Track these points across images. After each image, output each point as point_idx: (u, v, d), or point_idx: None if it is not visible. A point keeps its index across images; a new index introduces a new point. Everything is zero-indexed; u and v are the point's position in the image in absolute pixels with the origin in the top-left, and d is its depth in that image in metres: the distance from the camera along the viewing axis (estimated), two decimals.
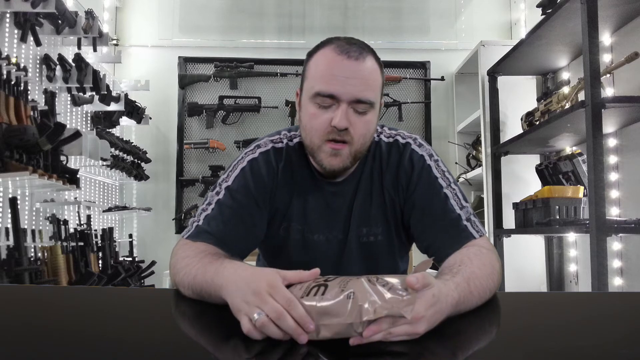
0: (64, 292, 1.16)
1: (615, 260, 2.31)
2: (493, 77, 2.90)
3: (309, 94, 1.02)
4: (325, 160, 1.02)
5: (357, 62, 0.98)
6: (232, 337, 0.63)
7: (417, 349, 0.59)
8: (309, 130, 1.03)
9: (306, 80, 1.05)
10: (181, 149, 3.47)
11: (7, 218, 2.04)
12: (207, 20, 3.60)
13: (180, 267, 0.92)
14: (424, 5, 3.66)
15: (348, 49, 0.99)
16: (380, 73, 1.03)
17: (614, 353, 0.57)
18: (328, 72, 0.99)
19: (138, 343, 0.63)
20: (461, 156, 3.46)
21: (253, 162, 1.10)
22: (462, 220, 1.01)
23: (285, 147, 1.12)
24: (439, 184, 1.05)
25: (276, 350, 0.59)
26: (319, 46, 1.04)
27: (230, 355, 0.61)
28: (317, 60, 1.02)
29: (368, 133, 1.03)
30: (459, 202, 1.03)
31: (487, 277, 0.84)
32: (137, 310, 0.85)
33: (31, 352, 0.57)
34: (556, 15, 2.19)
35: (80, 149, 2.17)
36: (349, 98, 0.98)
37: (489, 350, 0.61)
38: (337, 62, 0.98)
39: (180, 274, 0.91)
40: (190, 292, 0.87)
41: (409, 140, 1.12)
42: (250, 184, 1.07)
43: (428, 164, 1.08)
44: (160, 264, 3.09)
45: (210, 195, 1.07)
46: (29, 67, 2.30)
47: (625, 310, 0.81)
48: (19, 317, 0.76)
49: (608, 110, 1.93)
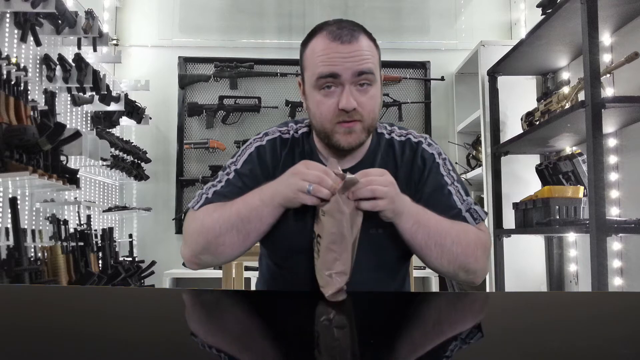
0: (63, 292, 1.16)
1: (615, 260, 2.31)
2: (493, 77, 2.90)
3: (311, 81, 1.05)
4: (342, 139, 1.06)
5: (350, 45, 1.02)
6: (232, 337, 0.63)
7: (417, 349, 0.59)
8: (319, 117, 1.06)
9: (306, 70, 1.08)
10: (181, 149, 3.47)
11: (7, 218, 2.04)
12: (207, 20, 3.60)
13: (212, 217, 1.01)
14: (424, 5, 3.67)
15: (339, 33, 1.02)
16: (375, 47, 1.08)
17: (614, 353, 0.57)
18: (324, 56, 1.02)
19: (138, 343, 0.63)
20: (461, 156, 3.46)
21: (260, 148, 1.15)
22: (462, 212, 1.09)
23: (291, 138, 1.17)
24: (445, 181, 1.12)
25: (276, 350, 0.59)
26: (311, 34, 1.07)
27: (233, 354, 0.61)
28: (313, 48, 1.05)
29: (375, 107, 1.07)
30: (461, 198, 1.11)
31: (450, 226, 1.01)
32: (137, 310, 0.85)
33: (31, 352, 0.57)
34: (556, 15, 2.19)
35: (80, 149, 2.17)
36: (350, 75, 1.01)
37: (489, 350, 0.61)
38: (332, 48, 1.02)
39: (214, 218, 1.00)
40: (229, 225, 0.98)
41: (420, 139, 1.17)
42: (257, 169, 1.12)
43: (437, 162, 1.14)
44: (160, 264, 3.09)
45: (221, 175, 1.13)
46: (29, 67, 2.30)
47: (625, 310, 0.81)
48: (19, 317, 0.76)
49: (608, 110, 1.93)
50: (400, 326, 0.70)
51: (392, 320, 0.74)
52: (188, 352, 0.61)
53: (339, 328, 0.71)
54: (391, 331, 0.67)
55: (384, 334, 0.65)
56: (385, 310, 0.83)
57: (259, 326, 0.72)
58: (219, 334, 0.70)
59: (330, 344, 0.61)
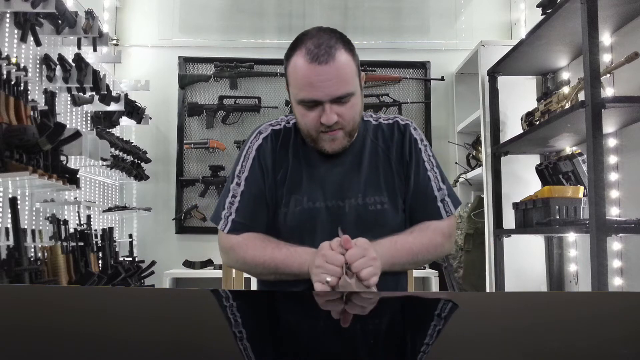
0: (63, 292, 1.16)
1: (615, 260, 2.30)
2: (493, 77, 2.90)
3: (295, 98, 1.15)
4: (326, 145, 1.17)
5: (327, 66, 1.09)
6: (233, 336, 0.63)
7: (416, 349, 0.59)
8: (304, 126, 1.17)
9: (289, 84, 1.17)
10: (181, 149, 3.47)
11: (7, 218, 2.04)
12: (207, 20, 3.60)
13: (254, 259, 1.17)
14: (424, 5, 3.66)
15: (317, 53, 1.09)
16: (352, 59, 1.13)
17: (614, 353, 0.58)
18: (305, 80, 1.11)
19: (138, 343, 0.63)
20: (461, 156, 3.46)
21: (260, 149, 1.24)
22: (437, 201, 1.23)
23: (283, 129, 1.27)
24: (425, 167, 1.24)
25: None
26: (292, 48, 1.16)
27: (234, 353, 0.61)
28: (293, 67, 1.14)
29: (356, 114, 1.17)
30: (438, 185, 1.24)
31: (420, 242, 1.18)
32: (137, 310, 0.85)
33: (31, 352, 0.57)
34: (556, 15, 2.19)
35: (80, 149, 2.17)
36: (329, 98, 1.10)
37: (488, 350, 0.61)
38: (310, 70, 1.09)
39: (255, 261, 1.17)
40: (267, 272, 1.17)
41: (407, 122, 1.28)
42: (262, 172, 1.23)
43: (419, 147, 1.26)
44: (160, 264, 3.09)
45: (233, 188, 1.23)
46: (29, 67, 2.30)
47: (625, 310, 0.82)
48: (19, 317, 0.76)
49: (608, 110, 1.93)
50: (398, 327, 0.70)
51: (388, 321, 0.74)
52: (188, 352, 0.61)
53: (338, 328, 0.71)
54: (388, 332, 0.67)
55: (383, 335, 0.65)
56: (381, 311, 0.83)
57: (259, 326, 0.72)
58: (219, 333, 0.70)
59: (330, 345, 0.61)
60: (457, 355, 0.60)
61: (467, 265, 3.23)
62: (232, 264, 1.25)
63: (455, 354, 0.60)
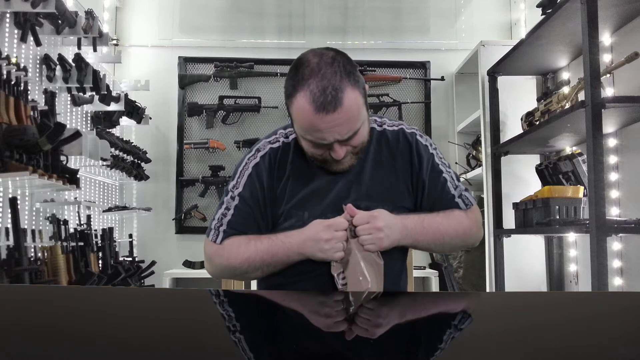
0: (63, 292, 1.16)
1: (615, 260, 2.30)
2: (493, 77, 2.90)
3: (300, 134, 1.13)
4: (334, 167, 1.16)
5: (335, 113, 1.03)
6: (232, 337, 0.63)
7: (415, 349, 0.59)
8: (310, 155, 1.16)
9: (293, 121, 1.12)
10: (181, 149, 3.47)
11: (7, 218, 2.04)
12: (207, 20, 3.60)
13: (237, 258, 1.16)
14: (424, 5, 3.66)
15: (323, 101, 1.02)
16: (358, 92, 1.07)
17: (614, 353, 0.57)
18: (312, 127, 1.06)
19: (138, 343, 0.63)
20: (461, 156, 3.46)
21: (256, 167, 1.22)
22: (455, 198, 1.23)
23: (282, 145, 1.23)
24: (440, 170, 1.24)
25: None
26: (294, 86, 1.06)
27: (234, 353, 0.61)
28: (298, 109, 1.06)
29: (365, 138, 1.15)
30: (454, 184, 1.25)
31: (447, 223, 1.19)
32: (137, 310, 0.85)
33: (31, 352, 0.57)
34: (556, 15, 2.19)
35: (80, 149, 2.16)
36: (337, 140, 1.09)
37: (489, 350, 0.61)
38: (318, 120, 1.04)
39: (240, 259, 1.15)
40: (254, 267, 1.15)
41: (413, 130, 1.26)
42: (257, 189, 1.21)
43: (431, 152, 1.25)
44: (160, 264, 3.09)
45: (227, 201, 1.21)
46: (29, 67, 2.30)
47: (625, 310, 0.82)
48: (19, 317, 0.76)
49: (608, 110, 1.93)
50: (398, 325, 0.70)
51: (390, 320, 0.74)
52: (188, 352, 0.61)
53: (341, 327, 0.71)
54: (389, 330, 0.67)
55: (382, 333, 0.65)
56: (382, 310, 0.83)
57: (259, 326, 0.72)
58: (219, 333, 0.70)
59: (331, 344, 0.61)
60: (457, 355, 0.60)
61: (467, 265, 3.23)
62: (216, 271, 1.21)
63: (455, 354, 0.60)
